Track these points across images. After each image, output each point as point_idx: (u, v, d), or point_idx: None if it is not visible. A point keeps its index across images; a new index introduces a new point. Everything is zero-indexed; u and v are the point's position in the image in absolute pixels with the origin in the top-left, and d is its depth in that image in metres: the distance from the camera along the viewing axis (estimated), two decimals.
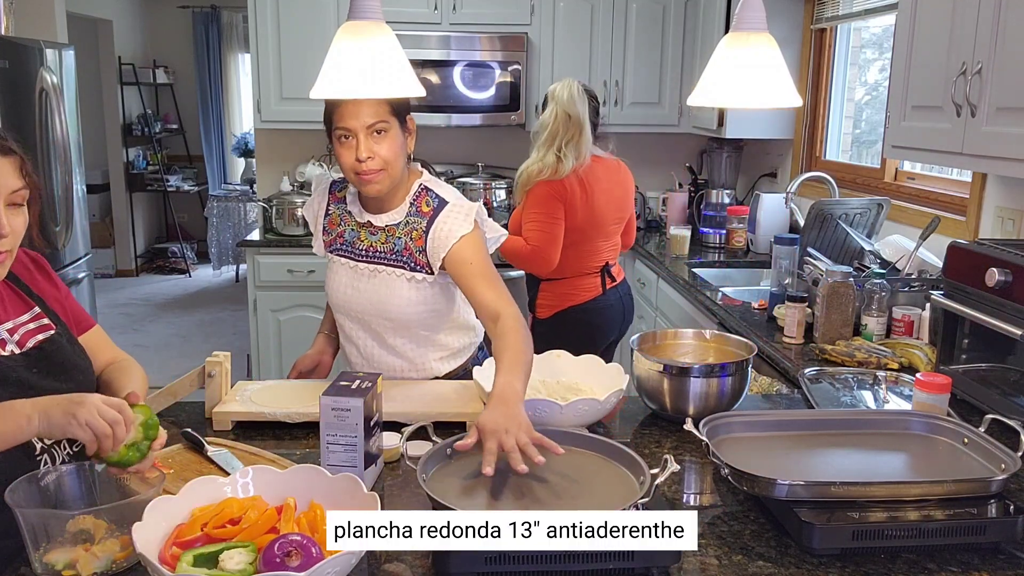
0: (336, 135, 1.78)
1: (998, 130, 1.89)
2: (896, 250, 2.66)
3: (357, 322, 1.93)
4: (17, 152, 1.35)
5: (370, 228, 1.89)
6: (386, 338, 1.91)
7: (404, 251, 1.85)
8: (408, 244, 1.85)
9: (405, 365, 1.94)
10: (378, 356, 1.94)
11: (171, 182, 7.92)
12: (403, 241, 1.85)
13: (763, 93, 1.44)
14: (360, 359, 1.97)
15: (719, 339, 1.94)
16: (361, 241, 1.90)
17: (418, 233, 1.84)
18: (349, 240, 1.92)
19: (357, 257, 1.90)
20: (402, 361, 1.94)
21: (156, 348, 5.74)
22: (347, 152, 1.77)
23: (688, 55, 4.24)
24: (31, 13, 4.61)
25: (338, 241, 1.94)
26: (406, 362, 1.94)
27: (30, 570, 1.17)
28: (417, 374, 1.95)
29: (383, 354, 1.94)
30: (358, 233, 1.91)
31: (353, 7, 1.39)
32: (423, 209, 1.86)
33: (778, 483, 1.30)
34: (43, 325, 1.43)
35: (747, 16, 1.47)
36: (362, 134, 1.74)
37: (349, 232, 1.93)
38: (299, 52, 4.01)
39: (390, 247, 1.87)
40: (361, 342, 1.95)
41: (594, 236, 2.91)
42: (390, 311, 1.87)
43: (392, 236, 1.87)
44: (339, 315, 1.98)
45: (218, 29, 7.97)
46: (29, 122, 3.69)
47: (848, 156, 3.84)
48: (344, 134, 1.76)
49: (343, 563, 1.08)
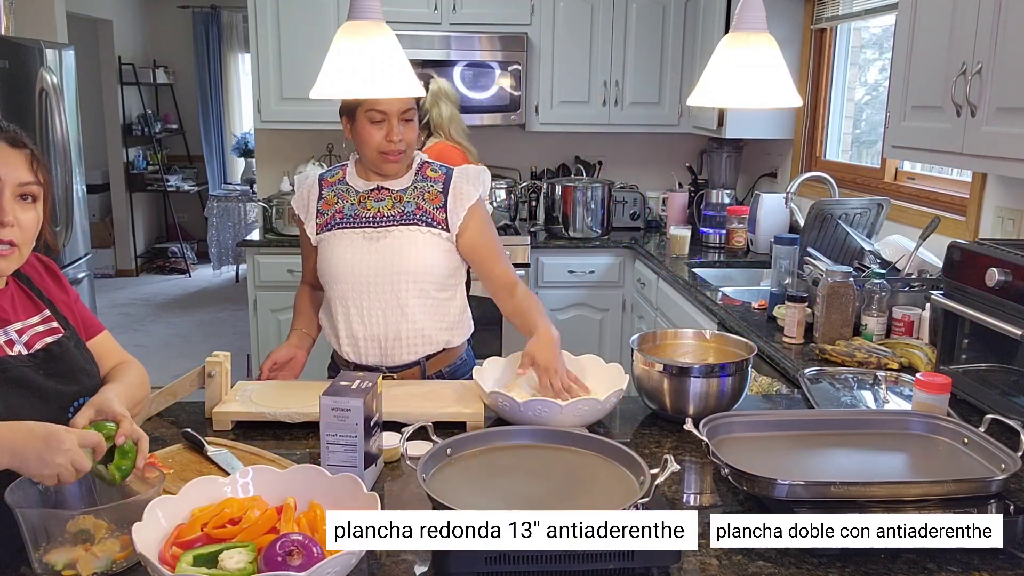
0: (368, 116, 1.87)
1: (998, 130, 1.89)
2: (896, 250, 2.66)
3: (366, 287, 1.92)
4: (28, 147, 1.35)
5: (377, 195, 1.95)
6: (400, 295, 1.92)
7: (416, 211, 1.94)
8: (421, 204, 1.95)
9: (411, 332, 1.95)
10: (383, 324, 1.94)
11: (171, 182, 7.92)
12: (413, 204, 1.95)
13: (763, 93, 1.45)
14: (363, 328, 1.95)
15: (719, 339, 1.94)
16: (367, 210, 1.95)
17: (432, 194, 1.96)
18: (349, 213, 1.96)
19: (363, 224, 1.95)
20: (408, 327, 1.94)
21: (156, 348, 5.74)
22: (377, 131, 1.88)
23: (688, 55, 4.24)
24: (31, 13, 4.61)
25: (336, 217, 1.97)
26: (413, 328, 1.95)
27: (30, 570, 1.17)
28: (421, 342, 1.96)
29: (391, 320, 1.93)
30: (362, 204, 1.96)
31: (353, 7, 1.39)
32: (429, 175, 1.99)
33: (778, 483, 1.30)
34: (52, 328, 1.43)
35: (747, 16, 1.47)
36: (395, 119, 1.87)
37: (348, 207, 1.97)
38: (299, 52, 4.01)
39: (399, 211, 1.94)
40: (367, 310, 1.93)
41: None
42: (407, 264, 1.91)
43: (400, 201, 1.95)
44: (341, 287, 1.95)
45: (218, 29, 7.97)
46: (29, 122, 3.68)
47: (848, 156, 3.84)
48: (378, 116, 1.86)
49: (343, 563, 1.08)
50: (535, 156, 4.65)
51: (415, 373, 1.98)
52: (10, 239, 1.33)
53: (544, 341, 1.81)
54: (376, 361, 1.98)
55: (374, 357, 1.97)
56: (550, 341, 1.81)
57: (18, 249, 1.35)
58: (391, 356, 1.97)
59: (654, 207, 4.48)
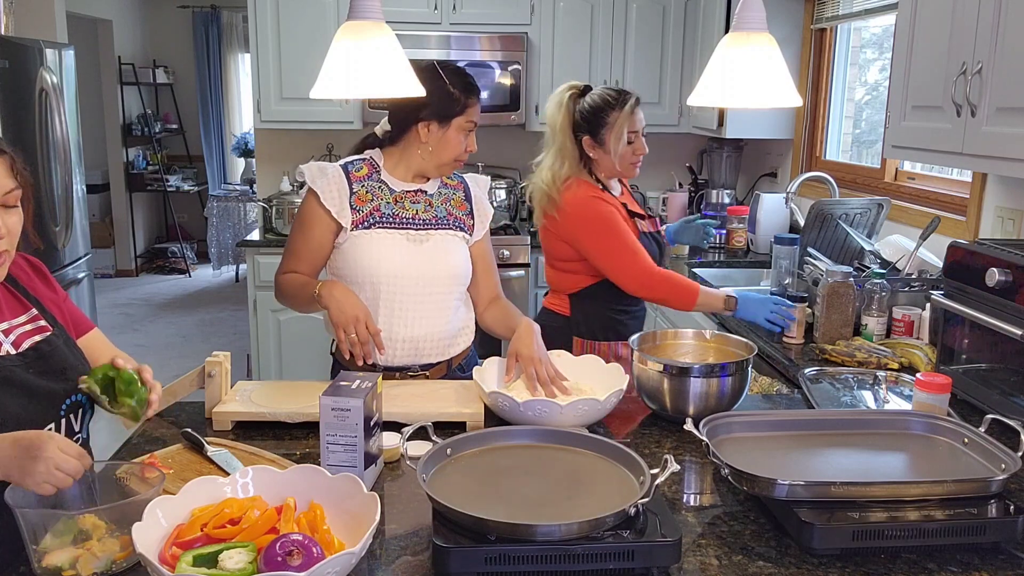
0: (466, 126, 1.94)
1: (998, 130, 1.89)
2: (896, 250, 2.66)
3: (410, 288, 1.91)
4: (7, 151, 1.35)
5: (413, 197, 1.98)
6: (443, 298, 1.95)
7: (448, 216, 2.00)
8: (450, 210, 2.01)
9: (444, 332, 1.97)
10: (421, 325, 1.93)
11: (171, 182, 7.92)
12: (444, 208, 2.00)
13: (763, 93, 1.45)
14: (404, 329, 1.93)
15: (719, 339, 1.94)
16: (405, 211, 1.96)
17: (457, 200, 2.03)
18: (388, 212, 1.95)
19: (405, 225, 1.95)
20: (444, 327, 1.96)
21: (156, 348, 5.74)
22: (465, 141, 1.96)
23: (688, 55, 4.24)
24: (31, 13, 4.61)
25: (375, 214, 1.94)
26: (448, 328, 1.97)
27: (30, 570, 1.17)
28: (449, 342, 1.99)
29: (429, 321, 1.94)
30: (399, 203, 1.96)
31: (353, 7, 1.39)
32: (448, 182, 2.05)
33: (778, 483, 1.30)
34: (40, 327, 1.43)
35: (747, 16, 1.47)
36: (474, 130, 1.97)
37: (385, 205, 1.95)
38: (299, 52, 4.01)
39: (432, 214, 1.98)
40: (406, 311, 1.92)
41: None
42: (450, 269, 1.95)
43: (430, 206, 1.99)
44: (379, 287, 1.90)
45: (218, 29, 7.97)
46: (29, 122, 3.69)
47: (848, 156, 3.84)
48: (471, 127, 1.95)
49: (343, 563, 1.08)
50: (535, 156, 4.63)
51: (442, 370, 2.00)
52: (4, 248, 1.34)
53: (525, 333, 1.84)
54: (408, 362, 1.96)
55: (408, 357, 1.96)
56: (531, 333, 1.84)
57: (8, 254, 1.36)
58: (424, 355, 1.97)
59: (654, 207, 4.48)
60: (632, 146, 2.38)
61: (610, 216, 2.34)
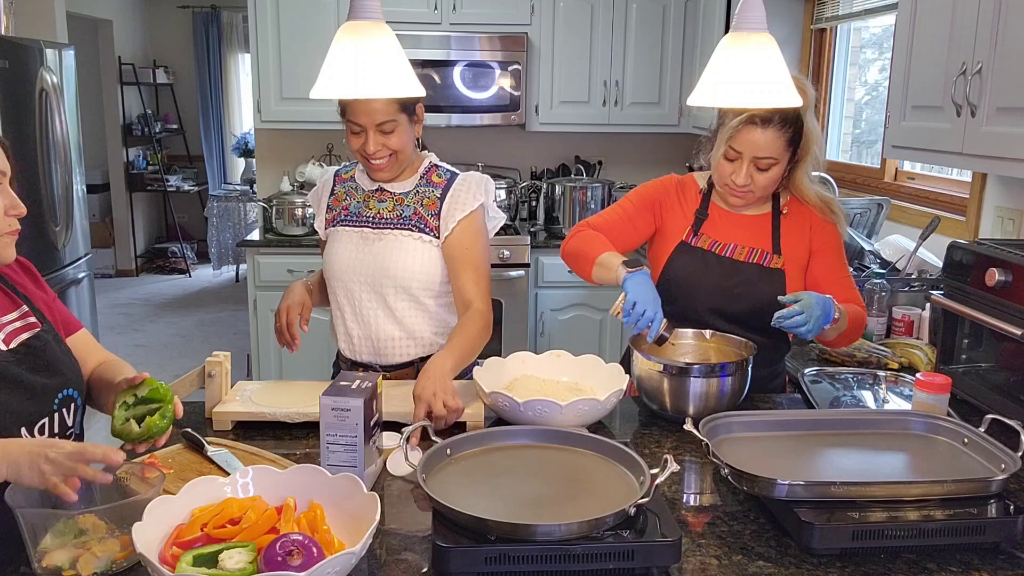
0: (348, 126, 1.89)
1: (998, 130, 1.89)
2: (896, 250, 2.66)
3: (359, 286, 1.96)
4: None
5: (379, 196, 1.98)
6: (387, 299, 1.94)
7: (412, 216, 1.95)
8: (418, 210, 1.95)
9: (402, 334, 1.97)
10: (375, 324, 1.96)
11: (171, 182, 7.92)
12: (411, 208, 1.96)
13: (763, 93, 1.44)
14: (357, 327, 1.98)
15: (719, 339, 1.94)
16: (368, 210, 1.98)
17: (431, 200, 1.95)
18: (354, 211, 2.00)
19: (363, 223, 1.97)
20: (399, 330, 1.96)
21: (156, 348, 5.74)
22: (356, 140, 1.89)
23: (688, 55, 4.24)
24: (31, 13, 4.61)
25: (342, 214, 2.01)
26: (403, 331, 1.96)
27: (30, 570, 1.17)
28: (413, 344, 1.97)
29: (382, 322, 1.96)
30: (366, 203, 1.98)
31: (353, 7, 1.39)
32: (434, 180, 1.98)
33: (778, 483, 1.30)
34: (29, 323, 1.44)
35: (747, 16, 1.47)
36: (371, 131, 1.85)
37: (354, 204, 2.00)
38: (299, 52, 4.02)
39: (397, 214, 1.96)
40: (360, 309, 1.97)
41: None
42: (394, 269, 1.93)
43: (400, 204, 1.96)
44: (338, 284, 1.99)
45: (218, 29, 7.97)
46: (29, 122, 3.68)
47: (848, 156, 3.84)
48: (355, 128, 1.87)
49: (343, 563, 1.08)
50: (535, 156, 4.65)
51: (409, 374, 1.98)
52: (17, 228, 1.40)
53: (423, 375, 1.68)
54: (370, 359, 2.00)
55: (368, 355, 2.00)
56: (427, 374, 1.67)
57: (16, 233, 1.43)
58: (384, 355, 1.99)
59: None
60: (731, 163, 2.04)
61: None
